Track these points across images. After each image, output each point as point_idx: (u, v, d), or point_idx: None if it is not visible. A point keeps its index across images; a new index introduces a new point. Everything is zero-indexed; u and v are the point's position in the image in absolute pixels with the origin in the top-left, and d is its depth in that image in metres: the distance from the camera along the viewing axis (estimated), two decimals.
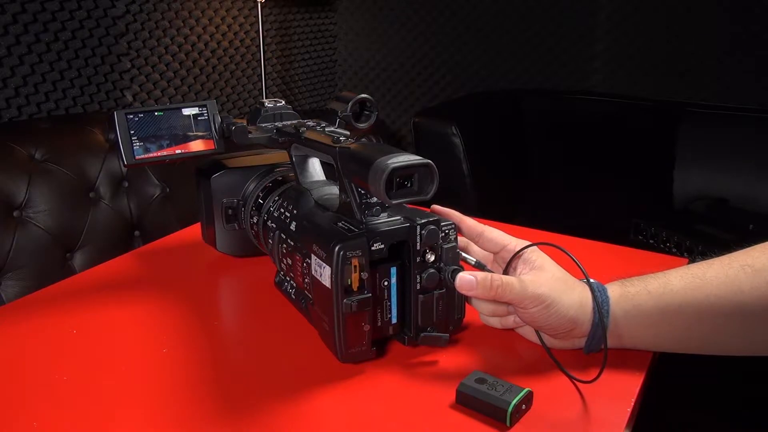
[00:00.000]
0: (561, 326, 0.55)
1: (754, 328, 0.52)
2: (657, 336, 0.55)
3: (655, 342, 0.56)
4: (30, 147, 1.39)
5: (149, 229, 1.55)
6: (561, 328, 0.55)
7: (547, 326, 0.56)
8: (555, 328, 0.55)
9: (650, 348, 0.57)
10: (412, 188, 0.51)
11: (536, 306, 0.54)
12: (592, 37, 2.26)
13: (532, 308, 0.54)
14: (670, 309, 0.53)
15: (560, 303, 0.54)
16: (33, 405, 0.53)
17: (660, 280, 0.55)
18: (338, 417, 0.52)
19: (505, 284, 0.54)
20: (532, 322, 0.56)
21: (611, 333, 0.55)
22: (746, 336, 0.53)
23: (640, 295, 0.55)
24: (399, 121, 2.69)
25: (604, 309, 0.55)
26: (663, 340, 0.56)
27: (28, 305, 0.71)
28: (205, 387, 0.56)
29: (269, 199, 0.72)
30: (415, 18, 2.54)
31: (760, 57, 2.02)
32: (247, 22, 2.17)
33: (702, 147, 2.05)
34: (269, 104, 0.75)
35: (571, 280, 0.57)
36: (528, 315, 0.55)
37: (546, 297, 0.54)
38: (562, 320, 0.55)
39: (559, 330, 0.56)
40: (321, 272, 0.55)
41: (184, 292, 0.74)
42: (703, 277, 0.53)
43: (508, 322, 0.61)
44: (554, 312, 0.54)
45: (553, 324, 0.55)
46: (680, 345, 0.56)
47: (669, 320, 0.54)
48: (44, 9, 1.55)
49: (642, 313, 0.54)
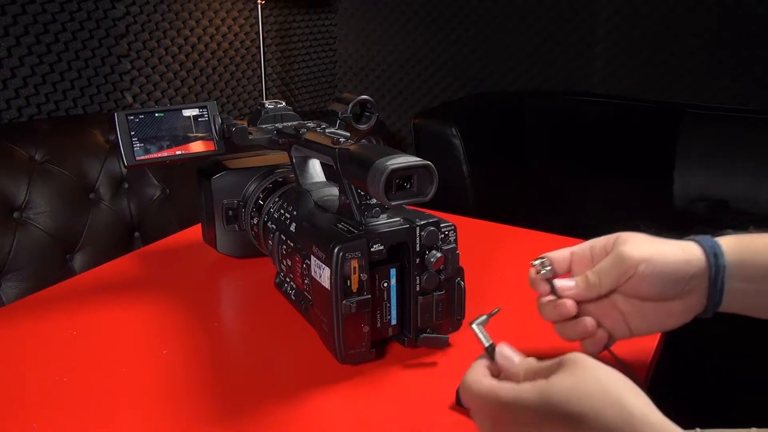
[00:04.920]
0: (677, 275, 0.48)
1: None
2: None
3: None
4: (30, 148, 1.39)
5: (149, 230, 1.55)
6: (679, 279, 0.48)
7: (663, 285, 0.48)
8: (672, 281, 0.48)
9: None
10: (412, 189, 0.51)
11: (639, 265, 0.48)
12: (592, 38, 2.26)
13: (638, 269, 0.48)
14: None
15: (661, 251, 0.49)
16: (33, 406, 0.53)
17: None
18: (338, 418, 0.52)
19: (598, 269, 0.50)
20: (648, 288, 0.49)
21: (731, 278, 0.48)
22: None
23: (755, 244, 0.49)
24: (399, 123, 2.69)
25: (717, 249, 0.49)
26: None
27: (28, 306, 0.71)
28: (204, 388, 0.56)
29: (269, 200, 0.72)
30: (415, 19, 2.54)
31: (760, 57, 2.02)
32: (247, 24, 2.17)
33: (702, 147, 2.05)
34: (269, 105, 0.75)
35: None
36: (637, 284, 0.49)
37: (645, 250, 0.48)
38: (674, 268, 0.48)
39: (678, 282, 0.48)
40: (320, 273, 0.55)
41: (185, 294, 0.74)
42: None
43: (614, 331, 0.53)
44: (662, 262, 0.48)
45: (668, 277, 0.48)
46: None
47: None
48: (44, 11, 1.55)
49: (758, 260, 0.48)
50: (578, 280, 0.51)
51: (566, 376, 0.37)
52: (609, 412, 0.34)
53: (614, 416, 0.34)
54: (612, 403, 0.35)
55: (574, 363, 0.37)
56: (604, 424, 0.34)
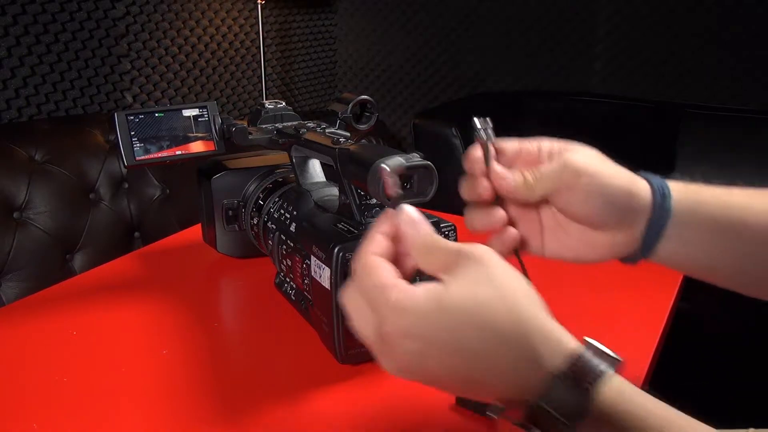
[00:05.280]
0: (617, 202, 0.45)
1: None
2: (717, 244, 0.46)
3: (712, 254, 0.46)
4: (30, 148, 1.39)
5: (149, 230, 1.55)
6: (617, 207, 0.45)
7: (598, 208, 0.45)
8: (610, 206, 0.45)
9: (702, 264, 0.47)
10: (412, 189, 0.51)
11: (582, 178, 0.44)
12: (592, 38, 2.26)
13: (579, 181, 0.44)
14: (734, 217, 0.45)
15: (609, 171, 0.45)
16: (33, 406, 0.53)
17: (723, 189, 0.47)
18: (338, 418, 0.52)
19: (539, 173, 0.45)
20: (579, 206, 0.45)
21: (673, 225, 0.45)
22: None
23: (704, 193, 0.46)
24: (399, 123, 2.69)
25: (666, 190, 0.45)
26: (721, 252, 0.46)
27: (28, 306, 0.71)
28: (204, 388, 0.55)
29: (269, 200, 0.72)
30: (415, 19, 2.54)
31: (760, 57, 2.02)
32: (247, 24, 2.17)
33: (702, 147, 2.05)
34: (269, 105, 0.75)
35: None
36: (572, 197, 0.45)
37: (591, 165, 0.44)
38: (616, 193, 0.44)
39: (615, 210, 0.45)
40: (320, 273, 0.55)
41: (185, 294, 0.74)
42: (766, 195, 0.46)
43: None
44: (605, 183, 0.44)
45: (607, 200, 0.44)
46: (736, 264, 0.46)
47: (733, 229, 0.45)
48: (44, 11, 1.55)
49: (707, 212, 0.45)
50: (516, 176, 0.45)
51: (463, 281, 0.35)
52: (504, 319, 0.34)
53: (509, 323, 0.34)
54: (508, 309, 0.34)
55: (473, 259, 0.36)
56: (497, 331, 0.34)
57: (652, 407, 0.33)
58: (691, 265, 0.48)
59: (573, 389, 0.33)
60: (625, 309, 0.72)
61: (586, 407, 0.32)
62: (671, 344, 0.72)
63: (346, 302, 0.38)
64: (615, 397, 0.33)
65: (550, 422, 0.33)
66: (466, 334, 0.34)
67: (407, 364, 0.35)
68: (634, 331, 0.67)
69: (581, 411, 0.32)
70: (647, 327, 0.67)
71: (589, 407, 0.33)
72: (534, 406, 0.33)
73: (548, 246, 0.48)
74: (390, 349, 0.35)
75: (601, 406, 0.33)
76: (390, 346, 0.35)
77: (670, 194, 0.45)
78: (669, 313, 0.71)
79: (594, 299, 0.73)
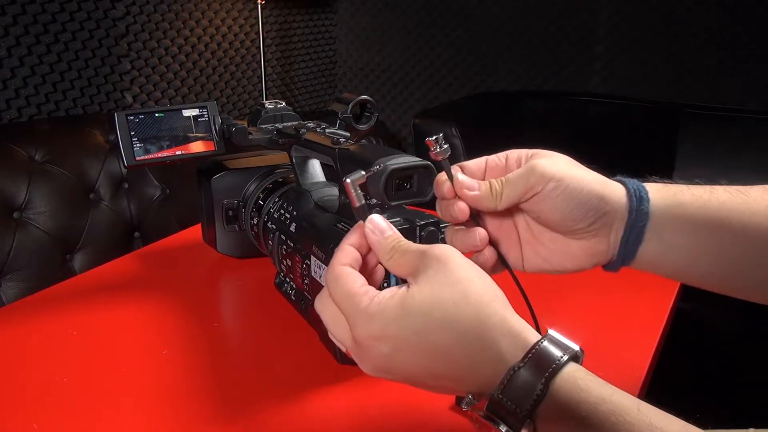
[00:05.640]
0: (587, 206, 0.43)
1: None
2: (699, 246, 0.44)
3: (694, 256, 0.45)
4: (30, 148, 1.39)
5: (149, 230, 1.55)
6: (588, 211, 0.43)
7: (568, 212, 0.43)
8: (580, 210, 0.43)
9: (685, 268, 0.46)
10: (411, 190, 0.51)
11: (549, 182, 0.43)
12: (592, 38, 2.26)
13: (546, 186, 0.43)
14: (715, 218, 0.44)
15: (578, 175, 0.43)
16: (33, 406, 0.53)
17: (704, 188, 0.46)
18: (338, 418, 0.52)
19: (505, 179, 0.44)
20: (550, 212, 0.44)
21: (651, 229, 0.44)
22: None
23: (683, 194, 0.45)
24: (399, 123, 2.69)
25: (643, 192, 0.44)
26: (704, 255, 0.45)
27: (28, 307, 0.71)
28: (205, 388, 0.56)
29: (269, 201, 0.72)
30: (415, 19, 2.54)
31: (760, 57, 2.02)
32: (247, 24, 2.17)
33: (702, 147, 2.05)
34: (269, 105, 0.75)
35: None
36: (541, 203, 0.44)
37: (558, 170, 0.43)
38: (586, 197, 0.43)
39: (586, 214, 0.44)
40: (320, 273, 0.55)
41: (185, 294, 0.74)
42: (747, 194, 0.45)
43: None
44: (574, 186, 0.43)
45: (577, 204, 0.43)
46: (719, 266, 0.45)
47: (714, 230, 0.44)
48: (44, 11, 1.55)
49: (686, 213, 0.44)
50: (482, 185, 0.45)
51: (426, 284, 0.37)
52: (466, 318, 0.35)
53: (471, 322, 0.35)
54: (470, 308, 0.35)
55: (436, 260, 0.37)
56: (461, 330, 0.35)
57: (607, 395, 0.33)
58: (675, 270, 0.46)
59: (529, 380, 0.34)
60: (625, 310, 0.72)
61: (540, 397, 0.33)
62: (671, 345, 0.72)
63: (321, 311, 0.40)
64: (569, 386, 0.34)
65: (508, 413, 0.34)
66: (432, 334, 0.35)
67: (381, 365, 0.37)
68: (634, 333, 0.67)
69: (536, 401, 0.33)
70: (647, 328, 0.67)
71: (543, 396, 0.34)
72: (493, 397, 0.34)
73: (527, 259, 0.48)
74: (364, 351, 0.37)
75: (556, 395, 0.34)
76: (364, 349, 0.37)
77: (647, 197, 0.44)
78: (669, 314, 0.71)
79: (594, 301, 0.73)
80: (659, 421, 0.32)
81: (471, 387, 0.36)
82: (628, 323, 0.69)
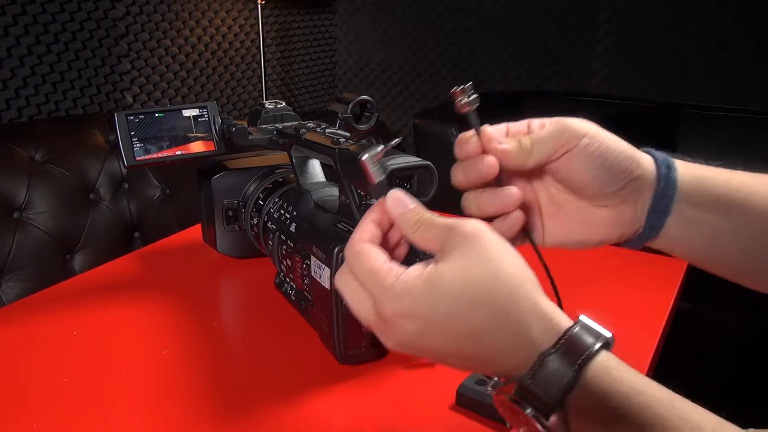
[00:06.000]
0: (621, 166, 0.42)
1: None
2: (720, 226, 0.44)
3: (716, 235, 0.44)
4: (30, 148, 1.39)
5: (149, 230, 1.55)
6: (622, 172, 0.42)
7: (603, 171, 0.42)
8: (614, 170, 0.42)
9: (704, 248, 0.45)
10: (412, 190, 0.51)
11: (582, 138, 0.41)
12: (592, 38, 2.26)
13: (581, 142, 0.41)
14: (738, 195, 0.43)
15: (609, 135, 0.42)
16: (33, 406, 0.53)
17: (724, 169, 0.45)
18: (338, 418, 0.52)
19: (535, 136, 0.43)
20: (582, 171, 0.42)
21: (678, 200, 0.43)
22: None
23: (706, 170, 0.44)
24: (399, 123, 2.69)
25: (671, 162, 0.43)
26: (724, 234, 0.44)
27: (28, 307, 0.71)
28: (205, 388, 0.56)
29: (269, 201, 0.72)
30: (415, 19, 2.54)
31: (760, 57, 2.02)
32: (247, 24, 2.17)
33: (702, 147, 2.05)
34: (269, 106, 0.75)
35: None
36: (573, 161, 0.42)
37: (591, 128, 0.42)
38: (620, 156, 0.42)
39: (620, 175, 0.42)
40: (320, 273, 0.55)
41: (184, 294, 0.74)
42: (764, 179, 0.45)
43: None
44: (608, 144, 0.42)
45: (611, 163, 0.42)
46: (738, 247, 0.44)
47: (737, 208, 0.43)
48: (44, 11, 1.55)
49: (710, 187, 0.43)
50: (510, 141, 0.43)
51: (456, 261, 0.35)
52: (497, 299, 0.34)
53: (503, 303, 0.34)
54: (502, 289, 0.34)
55: (467, 237, 0.35)
56: (491, 312, 0.34)
57: (641, 386, 0.32)
58: (694, 249, 0.45)
59: (560, 367, 0.33)
60: (627, 305, 0.72)
61: (571, 385, 0.33)
62: (671, 344, 0.72)
63: (341, 286, 0.39)
64: (602, 375, 0.33)
65: (536, 399, 0.33)
66: (462, 316, 0.34)
67: (408, 342, 0.36)
68: (634, 332, 0.67)
69: (567, 389, 0.33)
70: (647, 327, 0.67)
71: (574, 384, 0.33)
72: (522, 383, 0.33)
73: (549, 232, 0.46)
74: (390, 328, 0.36)
75: (587, 385, 0.33)
76: (390, 326, 0.36)
77: (675, 166, 0.43)
78: (670, 310, 0.71)
79: (596, 296, 0.73)
80: (694, 416, 0.31)
81: (500, 370, 0.35)
82: (628, 322, 0.69)
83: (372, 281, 0.36)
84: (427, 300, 0.35)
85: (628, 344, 0.63)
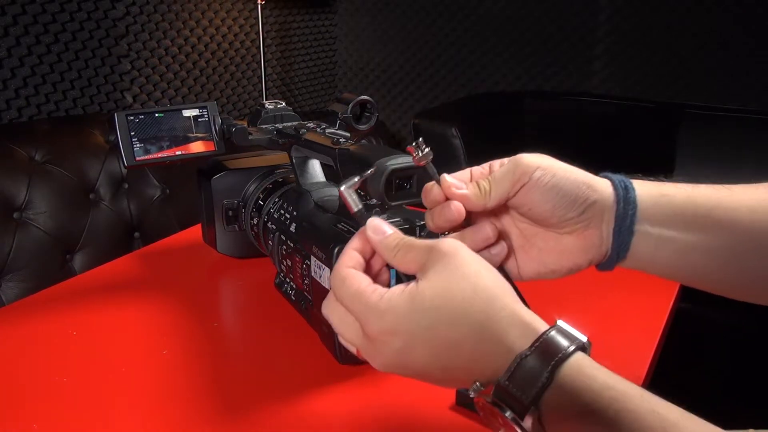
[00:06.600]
0: (576, 192, 0.43)
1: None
2: (688, 240, 0.44)
3: (685, 250, 0.44)
4: (30, 148, 1.39)
5: (149, 230, 1.55)
6: (578, 197, 0.43)
7: (558, 199, 0.43)
8: (570, 197, 0.43)
9: (678, 265, 0.45)
10: (411, 190, 0.51)
11: (535, 171, 0.43)
12: (592, 38, 2.26)
13: (533, 175, 0.43)
14: (700, 209, 0.44)
15: (562, 165, 0.44)
16: (33, 406, 0.53)
17: (685, 184, 0.46)
18: (338, 418, 0.52)
19: (491, 176, 0.44)
20: (540, 202, 0.44)
21: (641, 221, 0.44)
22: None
23: (666, 187, 0.45)
24: (399, 123, 2.69)
25: (628, 183, 0.44)
26: (693, 249, 0.44)
27: (28, 307, 0.71)
28: (205, 388, 0.56)
29: (269, 201, 0.72)
30: (415, 19, 2.54)
31: (760, 57, 2.02)
32: (247, 24, 2.17)
33: (702, 147, 2.05)
34: (269, 106, 0.75)
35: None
36: (530, 193, 0.44)
37: (542, 160, 0.44)
38: (574, 183, 0.43)
39: (576, 200, 0.43)
40: (320, 273, 0.55)
41: (184, 294, 0.74)
42: (730, 189, 0.45)
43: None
44: (561, 174, 0.43)
45: (566, 191, 0.43)
46: (711, 261, 0.45)
47: (701, 222, 0.44)
48: (44, 11, 1.55)
49: (672, 204, 0.44)
50: (469, 185, 0.44)
51: (436, 279, 0.37)
52: (477, 311, 0.36)
53: (482, 315, 0.36)
54: (481, 301, 0.36)
55: (445, 255, 0.37)
56: (472, 324, 0.36)
57: (611, 383, 0.34)
58: (669, 267, 0.46)
59: (535, 368, 0.34)
60: (625, 311, 0.72)
61: (545, 385, 0.34)
62: (671, 345, 0.72)
63: (328, 313, 0.41)
64: (574, 374, 0.34)
65: (513, 400, 0.35)
66: (443, 328, 0.36)
67: (393, 360, 0.38)
68: (634, 333, 0.67)
69: (541, 388, 0.34)
70: (647, 328, 0.67)
71: (548, 384, 0.34)
72: (499, 384, 0.35)
73: (522, 265, 0.47)
74: (377, 347, 0.38)
75: (561, 383, 0.34)
76: (377, 344, 0.38)
77: (632, 186, 0.44)
78: (669, 314, 0.71)
79: (593, 302, 0.73)
80: (661, 408, 0.32)
81: (480, 377, 0.37)
82: (628, 323, 0.69)
83: (357, 303, 0.38)
84: (409, 315, 0.36)
85: (628, 344, 0.64)
